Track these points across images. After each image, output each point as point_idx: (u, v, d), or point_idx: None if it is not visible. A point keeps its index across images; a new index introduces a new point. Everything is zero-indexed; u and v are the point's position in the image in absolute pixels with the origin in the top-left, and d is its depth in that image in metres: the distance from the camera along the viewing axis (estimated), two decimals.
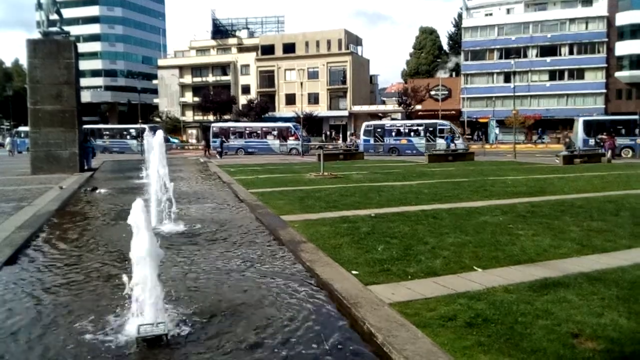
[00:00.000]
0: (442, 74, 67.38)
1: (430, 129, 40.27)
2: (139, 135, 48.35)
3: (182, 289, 5.33)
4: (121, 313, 4.56)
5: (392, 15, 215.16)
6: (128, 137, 50.04)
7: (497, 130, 60.12)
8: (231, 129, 46.49)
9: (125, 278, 4.30)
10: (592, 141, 35.18)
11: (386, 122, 47.29)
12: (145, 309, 4.24)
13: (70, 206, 11.63)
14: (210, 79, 76.68)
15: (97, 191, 14.09)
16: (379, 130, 42.17)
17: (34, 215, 9.80)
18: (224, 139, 41.44)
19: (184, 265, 6.35)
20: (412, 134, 41.05)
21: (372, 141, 41.16)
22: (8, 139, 45.99)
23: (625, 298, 4.89)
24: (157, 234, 4.44)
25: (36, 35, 22.56)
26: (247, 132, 45.75)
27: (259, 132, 45.41)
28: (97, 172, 21.66)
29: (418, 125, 42.13)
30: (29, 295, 5.32)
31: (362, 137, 42.53)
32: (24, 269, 6.35)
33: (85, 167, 21.88)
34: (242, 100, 71.47)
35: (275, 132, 44.97)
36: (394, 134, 41.50)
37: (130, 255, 4.24)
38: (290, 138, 43.51)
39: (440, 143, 38.27)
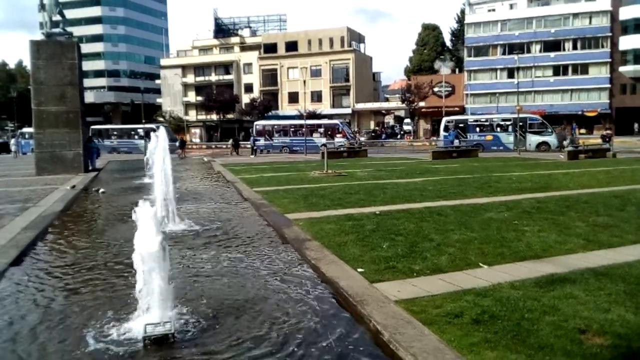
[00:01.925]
0: (442, 68, 67.08)
1: (520, 123, 37.22)
2: (148, 135, 48.02)
3: (187, 292, 5.34)
4: (127, 312, 4.57)
5: (392, 12, 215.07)
6: (136, 137, 49.55)
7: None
8: (275, 126, 45.77)
9: (132, 276, 4.31)
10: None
11: (469, 117, 43.89)
12: (151, 307, 4.25)
13: (75, 207, 11.66)
14: (213, 78, 76.71)
15: (101, 191, 14.12)
16: (461, 125, 39.70)
17: (39, 216, 9.84)
18: (256, 137, 40.93)
19: (188, 265, 6.36)
20: (498, 129, 38.50)
21: (453, 137, 38.11)
22: (12, 140, 45.99)
23: (632, 293, 4.87)
24: (162, 233, 4.44)
25: (39, 36, 22.63)
26: (292, 129, 44.87)
27: (304, 129, 43.69)
28: (101, 172, 21.71)
29: (505, 120, 39.26)
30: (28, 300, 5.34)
31: (442, 133, 40.09)
32: (28, 269, 6.38)
33: (90, 168, 21.96)
34: (245, 99, 71.46)
35: (321, 130, 43.98)
36: (478, 129, 39.03)
37: (136, 253, 4.25)
38: (338, 135, 42.26)
39: (533, 140, 35.76)
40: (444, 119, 42.11)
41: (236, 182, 15.35)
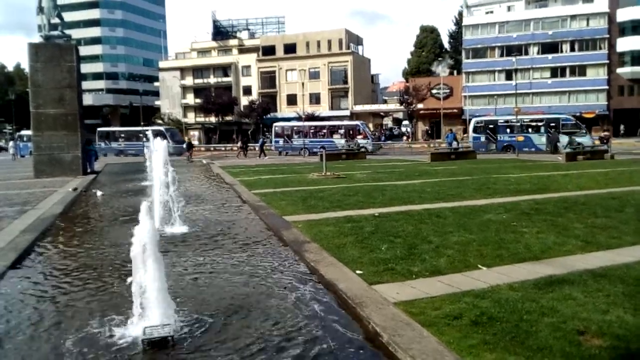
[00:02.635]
0: (439, 67, 67.15)
1: (552, 124, 36.58)
2: (157, 138, 47.51)
3: (183, 292, 5.33)
4: (127, 315, 4.56)
5: (389, 15, 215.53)
6: (144, 139, 47.96)
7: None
8: (294, 128, 45.02)
9: (131, 279, 4.31)
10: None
11: (499, 117, 42.65)
12: (150, 310, 4.25)
13: (74, 209, 11.66)
14: (212, 80, 76.75)
15: (99, 194, 14.10)
16: (491, 126, 38.96)
17: (38, 218, 9.83)
18: (265, 140, 40.57)
19: (186, 267, 6.36)
20: (530, 130, 37.46)
21: (483, 139, 37.99)
22: (11, 143, 45.91)
23: (631, 294, 4.87)
24: (160, 236, 4.44)
25: (37, 39, 22.64)
26: (312, 131, 43.86)
27: (324, 130, 43.57)
28: (100, 175, 21.70)
29: (537, 120, 38.42)
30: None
31: (471, 134, 39.75)
32: (27, 272, 6.37)
33: (88, 170, 21.94)
34: (244, 101, 71.49)
35: (342, 131, 42.99)
36: (508, 130, 38.15)
37: (134, 256, 4.24)
38: (359, 137, 41.20)
39: (566, 141, 34.55)
40: (473, 120, 41.31)
41: (235, 185, 15.35)
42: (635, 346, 3.80)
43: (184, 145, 40.56)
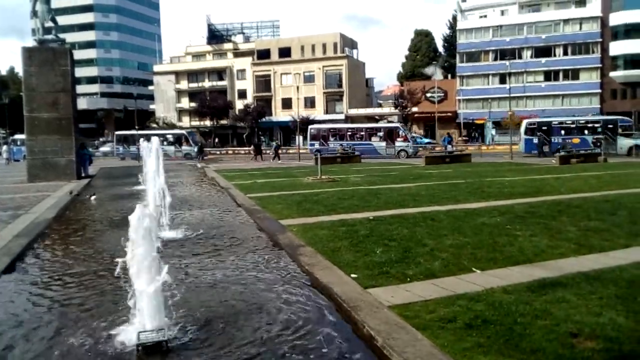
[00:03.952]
0: (431, 69, 67.43)
1: (610, 125, 35.31)
2: (177, 141, 46.06)
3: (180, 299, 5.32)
4: (121, 319, 4.55)
5: (382, 19, 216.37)
6: (165, 143, 46.39)
7: (493, 132, 60.31)
8: (331, 130, 43.91)
9: (125, 282, 4.29)
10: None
11: (553, 119, 41.03)
12: (144, 315, 4.24)
13: (67, 214, 11.60)
14: (207, 84, 76.73)
15: (93, 198, 14.05)
16: (544, 128, 37.17)
17: (32, 223, 9.78)
18: (278, 144, 39.83)
19: (184, 271, 6.34)
20: (585, 131, 36.08)
21: (535, 141, 36.30)
22: (5, 147, 45.62)
23: (624, 297, 4.91)
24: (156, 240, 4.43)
25: (31, 43, 22.56)
26: (349, 133, 42.77)
27: (362, 133, 42.40)
28: (94, 179, 21.61)
29: (594, 122, 37.07)
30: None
31: (522, 136, 38.15)
32: (19, 277, 6.34)
33: (82, 174, 21.86)
34: (239, 105, 71.52)
35: (381, 133, 41.78)
36: (563, 132, 36.73)
37: (129, 261, 4.23)
38: (398, 139, 40.34)
39: (624, 143, 33.67)
40: (525, 122, 39.61)
41: (230, 188, 15.33)
42: (627, 348, 3.83)
43: (195, 149, 40.18)
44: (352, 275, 5.74)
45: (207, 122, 72.55)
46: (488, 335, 4.08)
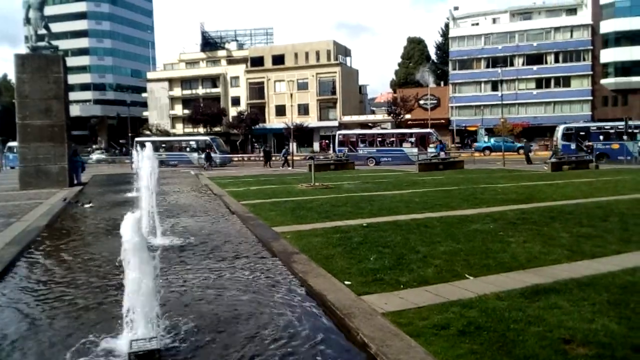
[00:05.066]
0: (422, 74, 67.79)
1: None
2: (201, 148, 44.04)
3: (173, 307, 5.30)
4: (112, 328, 4.52)
5: (373, 27, 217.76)
6: (187, 149, 45.77)
7: (486, 138, 60.65)
8: (360, 136, 42.44)
9: (116, 290, 4.27)
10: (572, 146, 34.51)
11: (591, 124, 39.80)
12: (137, 324, 4.21)
13: (59, 222, 11.53)
14: (200, 91, 76.68)
15: (89, 205, 13.97)
16: (582, 133, 36.26)
17: (23, 231, 9.71)
18: (288, 149, 39.23)
19: (174, 279, 6.32)
20: (625, 137, 34.74)
21: (573, 147, 35.24)
22: None
23: (616, 303, 4.94)
24: (148, 248, 4.42)
25: (24, 50, 22.50)
26: (379, 139, 41.31)
27: (393, 139, 40.97)
28: (86, 186, 21.49)
29: (635, 127, 35.08)
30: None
31: (559, 142, 36.41)
32: (10, 285, 6.29)
33: (75, 182, 21.74)
34: (232, 112, 71.47)
35: (412, 139, 40.15)
36: (601, 137, 35.64)
37: (122, 267, 4.21)
38: (431, 145, 38.54)
39: None
40: (562, 127, 38.24)
41: (223, 196, 15.29)
42: (620, 354, 3.85)
43: (203, 156, 39.32)
44: (346, 282, 5.74)
45: (201, 129, 72.41)
46: (481, 341, 4.09)
